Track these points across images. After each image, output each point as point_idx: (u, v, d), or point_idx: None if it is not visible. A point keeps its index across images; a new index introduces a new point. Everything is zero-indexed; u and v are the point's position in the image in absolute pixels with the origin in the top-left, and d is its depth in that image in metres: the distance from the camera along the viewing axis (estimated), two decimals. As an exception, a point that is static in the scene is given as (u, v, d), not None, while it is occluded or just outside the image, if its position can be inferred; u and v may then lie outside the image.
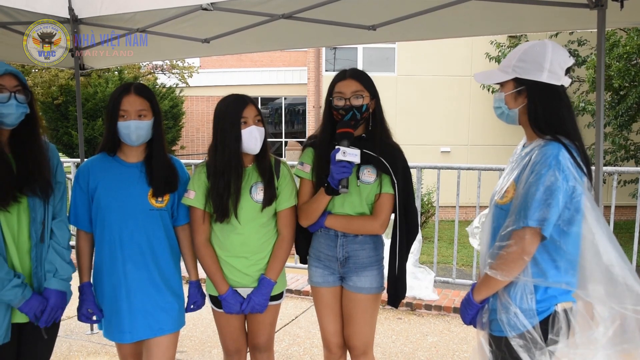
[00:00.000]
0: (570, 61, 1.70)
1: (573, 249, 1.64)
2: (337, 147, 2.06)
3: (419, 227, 2.34)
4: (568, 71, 1.71)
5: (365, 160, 2.18)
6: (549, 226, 1.58)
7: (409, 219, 2.24)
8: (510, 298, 1.66)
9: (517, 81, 1.72)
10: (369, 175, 2.21)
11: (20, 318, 1.88)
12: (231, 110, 2.14)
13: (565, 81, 1.70)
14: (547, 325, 1.63)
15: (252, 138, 2.12)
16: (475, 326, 1.84)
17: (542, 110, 1.70)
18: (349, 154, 2.03)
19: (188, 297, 2.29)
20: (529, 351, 1.61)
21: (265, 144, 2.20)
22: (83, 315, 2.15)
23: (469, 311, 1.80)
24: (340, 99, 2.17)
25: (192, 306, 2.31)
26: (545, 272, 1.64)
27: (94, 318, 2.18)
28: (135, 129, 2.05)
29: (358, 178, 2.20)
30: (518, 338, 1.63)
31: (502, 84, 1.78)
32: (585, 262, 1.64)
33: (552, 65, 1.67)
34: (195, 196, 2.18)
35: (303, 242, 2.38)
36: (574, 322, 1.62)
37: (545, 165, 1.60)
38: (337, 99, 2.18)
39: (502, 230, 1.67)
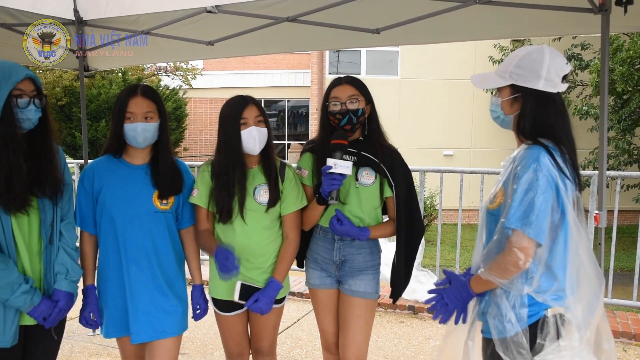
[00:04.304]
0: (568, 68, 1.70)
1: (563, 253, 1.64)
2: (328, 159, 2.08)
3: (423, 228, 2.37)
4: (565, 78, 1.70)
5: (364, 162, 2.21)
6: (533, 228, 1.56)
7: (415, 219, 2.27)
8: (500, 301, 1.66)
9: (514, 88, 1.72)
10: (367, 177, 2.23)
11: (28, 321, 1.89)
12: (232, 111, 2.15)
13: (562, 88, 1.69)
14: (536, 330, 1.62)
15: (250, 138, 2.12)
16: (458, 316, 1.78)
17: (531, 117, 1.70)
18: (340, 166, 2.05)
19: (191, 300, 2.29)
20: (514, 355, 1.61)
21: (268, 145, 2.20)
22: (84, 318, 2.14)
23: (464, 296, 1.73)
24: (337, 104, 2.19)
25: (197, 311, 2.29)
26: (536, 279, 1.63)
27: (96, 321, 2.17)
28: (141, 131, 2.06)
29: (357, 180, 2.22)
30: (505, 341, 1.63)
31: (499, 89, 1.78)
32: (568, 266, 1.65)
33: (549, 73, 1.66)
34: (198, 194, 2.18)
35: (300, 247, 2.37)
36: (562, 327, 1.62)
37: (525, 168, 1.60)
38: (333, 104, 2.20)
39: (494, 235, 1.67)
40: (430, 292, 1.83)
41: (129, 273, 2.09)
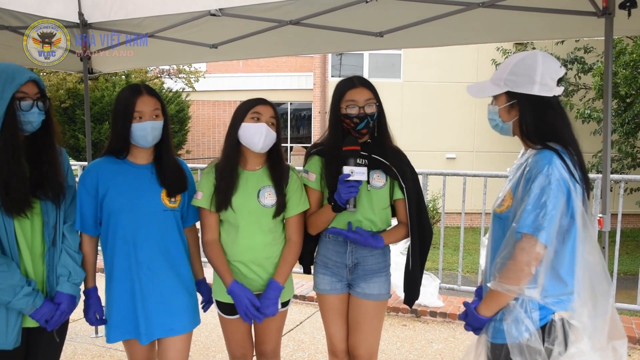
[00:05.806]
0: (562, 71, 1.71)
1: (571, 257, 1.64)
2: (344, 167, 2.07)
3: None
4: (560, 81, 1.71)
5: (374, 165, 2.20)
6: (544, 232, 1.57)
7: (424, 221, 2.26)
8: (512, 307, 1.66)
9: (510, 94, 1.74)
10: (378, 179, 2.23)
11: (31, 323, 1.89)
12: (243, 106, 2.18)
13: (557, 91, 1.70)
14: (543, 334, 1.63)
15: (257, 132, 2.11)
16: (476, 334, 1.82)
17: (532, 122, 1.71)
18: (357, 173, 2.05)
19: (200, 293, 2.32)
20: (526, 359, 1.61)
21: (276, 148, 2.20)
22: (89, 320, 2.14)
23: (475, 325, 1.76)
24: (354, 107, 2.17)
25: (205, 300, 2.33)
26: (543, 283, 1.63)
27: (101, 319, 2.17)
28: (151, 129, 2.05)
29: (368, 183, 2.21)
30: (520, 346, 1.62)
31: (495, 97, 1.79)
32: (576, 270, 1.65)
33: (543, 78, 1.67)
34: (202, 196, 2.18)
35: (306, 252, 2.37)
36: (569, 332, 1.62)
37: (537, 172, 1.61)
38: (350, 107, 2.17)
39: (504, 241, 1.67)
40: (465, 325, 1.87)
41: (139, 273, 2.07)
